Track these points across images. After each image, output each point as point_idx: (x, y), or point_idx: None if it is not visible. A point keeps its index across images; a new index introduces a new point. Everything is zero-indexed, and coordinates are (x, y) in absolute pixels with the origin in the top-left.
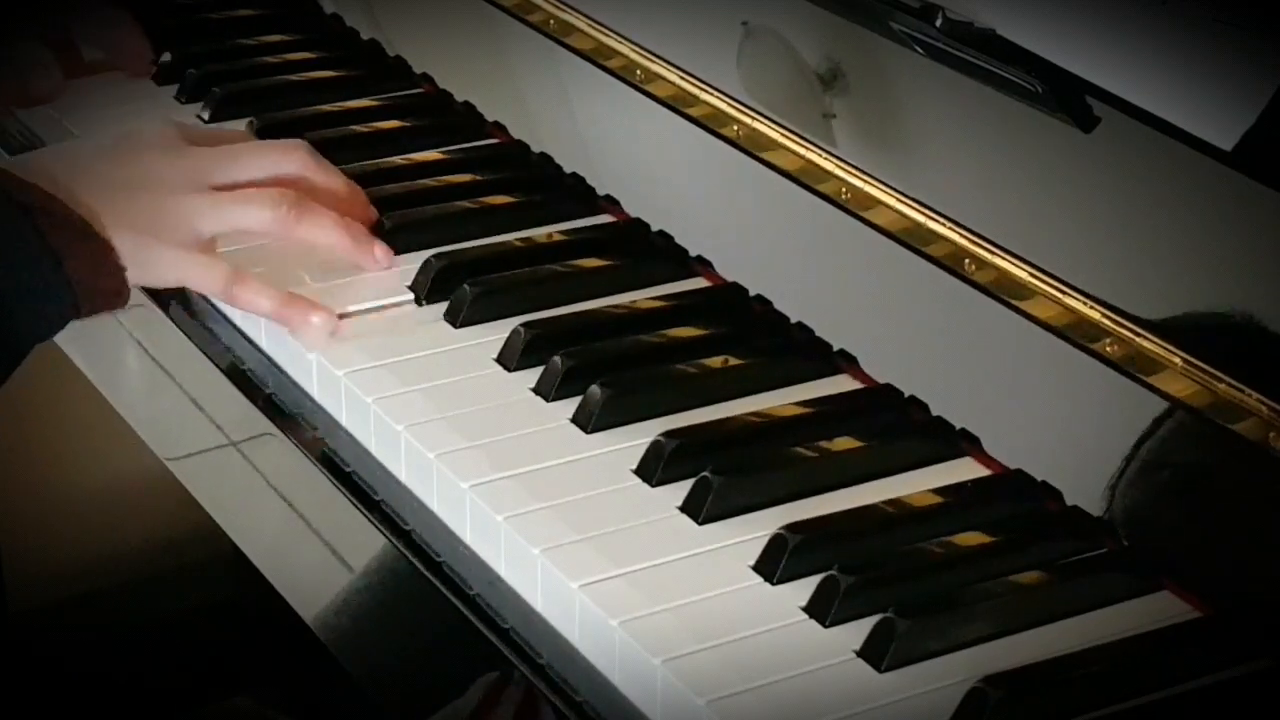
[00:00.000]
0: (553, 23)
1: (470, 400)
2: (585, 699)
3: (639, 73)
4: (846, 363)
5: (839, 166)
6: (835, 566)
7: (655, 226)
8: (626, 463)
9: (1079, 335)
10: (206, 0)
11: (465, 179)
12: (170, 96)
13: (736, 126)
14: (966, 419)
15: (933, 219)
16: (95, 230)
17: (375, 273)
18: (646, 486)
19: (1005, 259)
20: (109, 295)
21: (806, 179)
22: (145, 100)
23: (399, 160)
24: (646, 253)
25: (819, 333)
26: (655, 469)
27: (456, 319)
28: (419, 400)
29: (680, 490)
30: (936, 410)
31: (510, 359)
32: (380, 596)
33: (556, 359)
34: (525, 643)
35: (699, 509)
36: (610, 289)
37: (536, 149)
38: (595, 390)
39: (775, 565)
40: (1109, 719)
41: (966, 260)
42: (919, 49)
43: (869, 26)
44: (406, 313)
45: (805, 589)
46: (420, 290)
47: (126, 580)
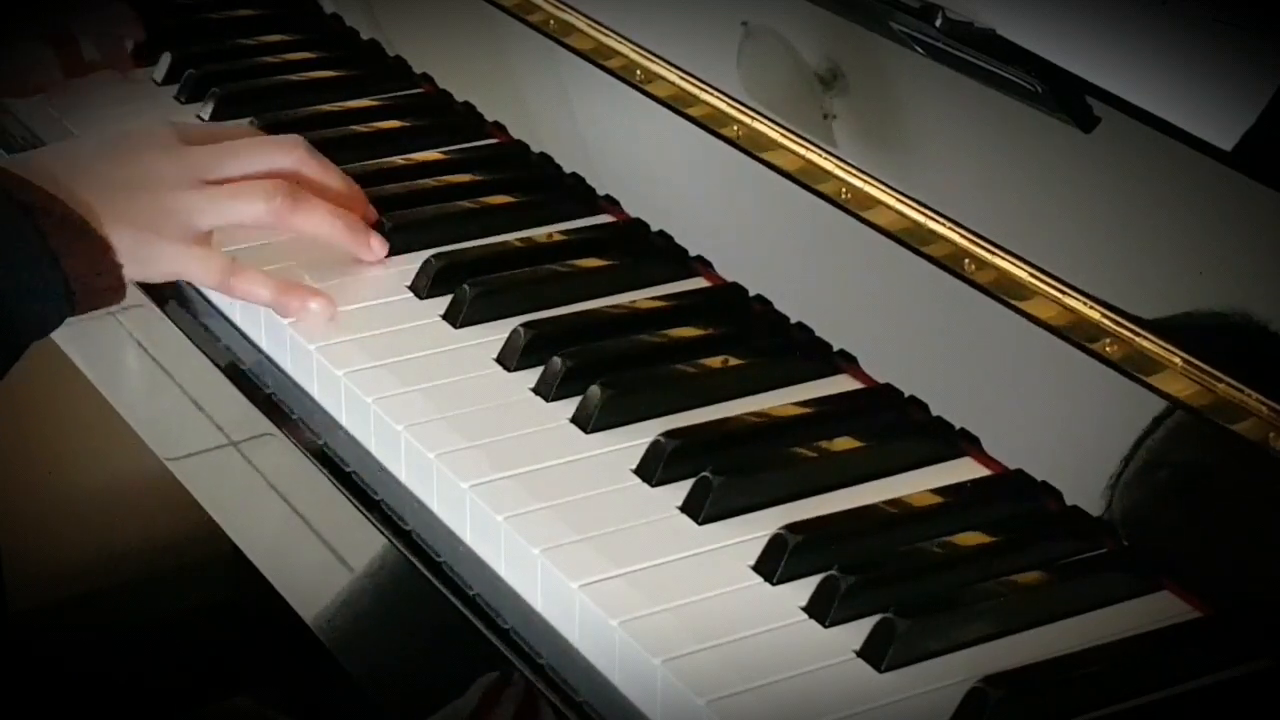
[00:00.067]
0: (553, 23)
1: (470, 400)
2: (585, 699)
3: (639, 73)
4: (846, 363)
5: (839, 166)
6: (835, 566)
7: (655, 226)
8: (626, 463)
9: (1079, 335)
10: (206, 0)
11: (465, 179)
12: (170, 96)
13: (736, 126)
14: (966, 419)
15: (932, 219)
16: (93, 228)
17: (375, 273)
18: (646, 486)
19: (1005, 259)
20: (105, 292)
21: (806, 179)
22: (145, 100)
23: (399, 160)
24: (646, 253)
25: (819, 333)
26: (655, 469)
27: (456, 319)
28: (419, 400)
29: (680, 490)
30: (936, 410)
31: (510, 359)
32: (380, 596)
33: (556, 359)
34: (525, 643)
35: (699, 509)
36: (610, 289)
37: (536, 149)
38: (595, 390)
39: (775, 565)
40: (1109, 719)
41: (966, 260)
42: (919, 49)
43: (869, 26)
44: (406, 312)
45: (805, 589)
46: (420, 290)
47: (126, 580)
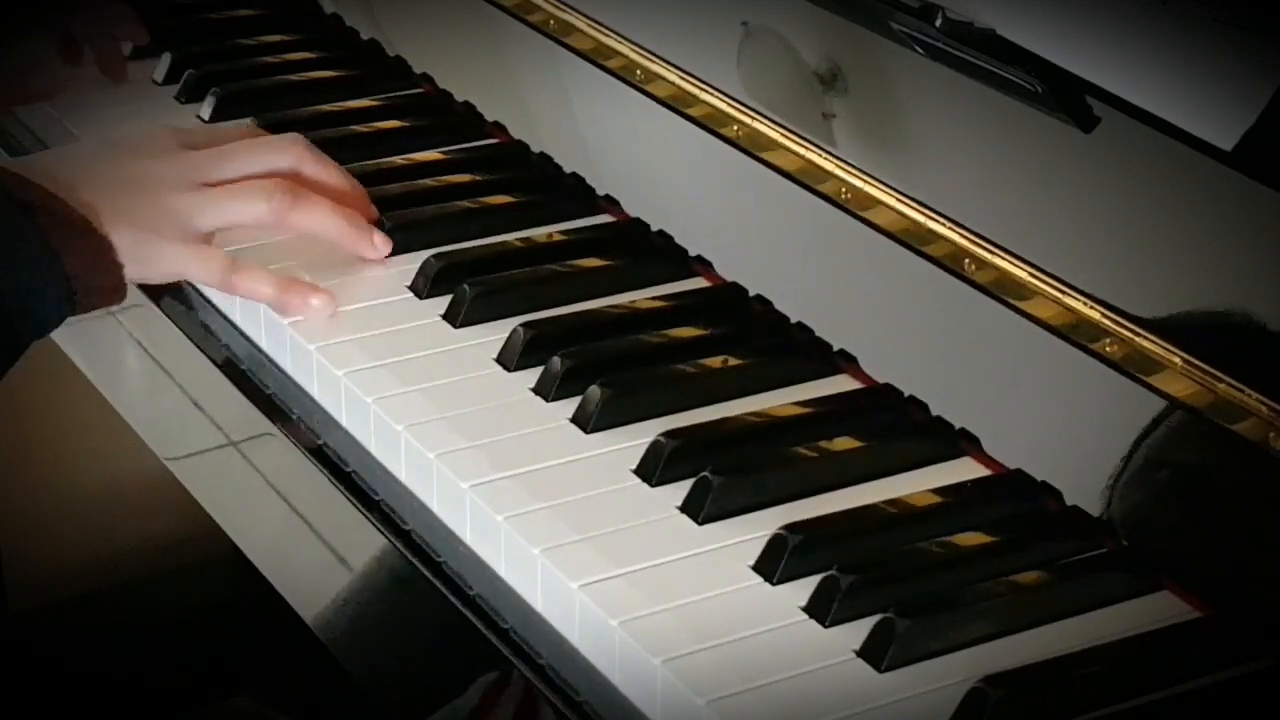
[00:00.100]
0: (553, 23)
1: (470, 400)
2: (585, 699)
3: (639, 73)
4: (846, 363)
5: (839, 166)
6: (835, 566)
7: (655, 226)
8: (626, 463)
9: (1079, 335)
10: (206, 0)
11: (465, 179)
12: (170, 97)
13: (736, 126)
14: (966, 419)
15: (933, 219)
16: (94, 227)
17: (374, 273)
18: (646, 486)
19: (1005, 259)
20: (106, 292)
21: (806, 179)
22: (145, 100)
23: (399, 160)
24: (646, 253)
25: (819, 333)
26: (655, 469)
27: (456, 319)
28: (419, 400)
29: (680, 490)
30: (936, 410)
31: (510, 359)
32: (380, 596)
33: (556, 359)
34: (525, 643)
35: (699, 509)
36: (610, 289)
37: (536, 149)
38: (595, 390)
39: (775, 565)
40: (1109, 719)
41: (966, 260)
42: (919, 49)
43: (869, 26)
44: (406, 312)
45: (805, 589)
46: (420, 290)
47: (126, 580)
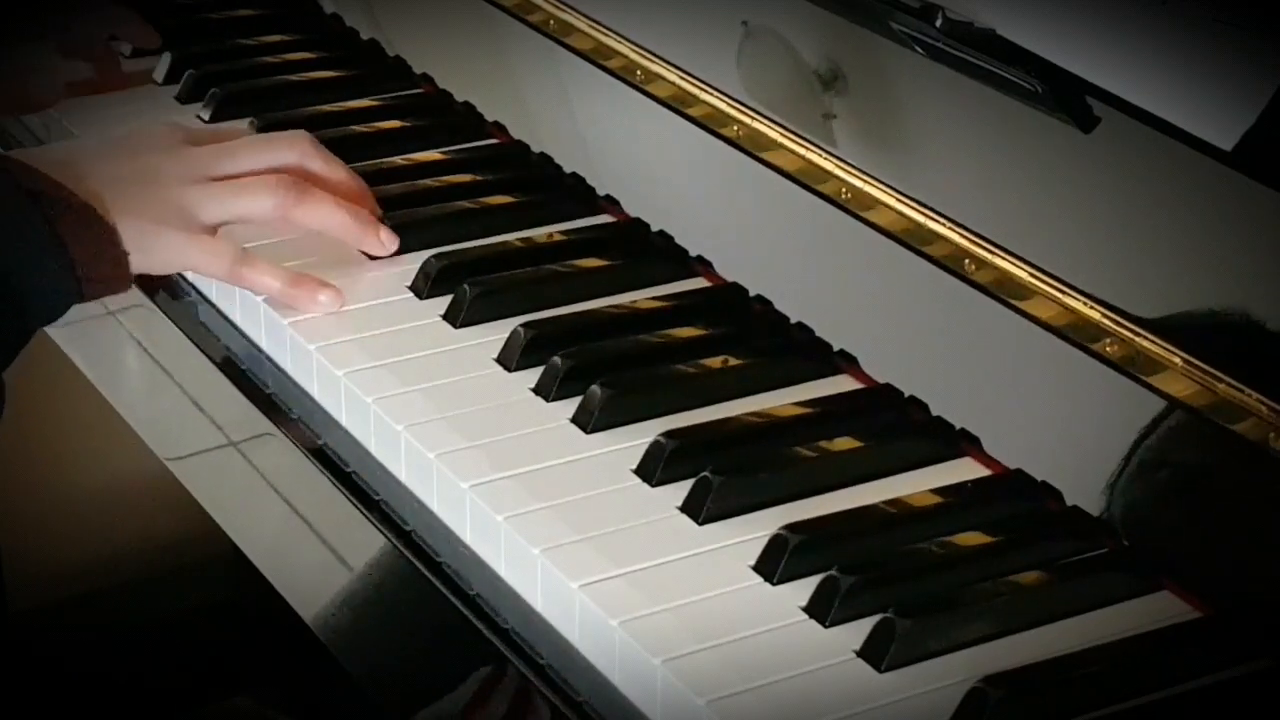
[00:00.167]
0: (553, 23)
1: (470, 400)
2: (585, 699)
3: (639, 73)
4: (846, 363)
5: (839, 166)
6: (835, 566)
7: (655, 226)
8: (626, 463)
9: (1079, 335)
10: (206, 0)
11: (465, 179)
12: (170, 97)
13: (736, 126)
14: (966, 419)
15: (933, 219)
16: (100, 216)
17: (375, 273)
18: (646, 486)
19: (1005, 259)
20: (111, 281)
21: (806, 179)
22: (145, 101)
23: (399, 160)
24: (646, 253)
25: (819, 333)
26: (655, 469)
27: (456, 319)
28: (419, 400)
29: (680, 490)
30: (936, 410)
31: (510, 359)
32: (380, 596)
33: (556, 359)
34: (525, 643)
35: (699, 509)
36: (610, 289)
37: (536, 149)
38: (595, 390)
39: (775, 565)
40: (1109, 719)
41: (966, 260)
42: (919, 49)
43: (869, 26)
44: (406, 312)
45: (805, 589)
46: (420, 290)
47: (126, 580)
